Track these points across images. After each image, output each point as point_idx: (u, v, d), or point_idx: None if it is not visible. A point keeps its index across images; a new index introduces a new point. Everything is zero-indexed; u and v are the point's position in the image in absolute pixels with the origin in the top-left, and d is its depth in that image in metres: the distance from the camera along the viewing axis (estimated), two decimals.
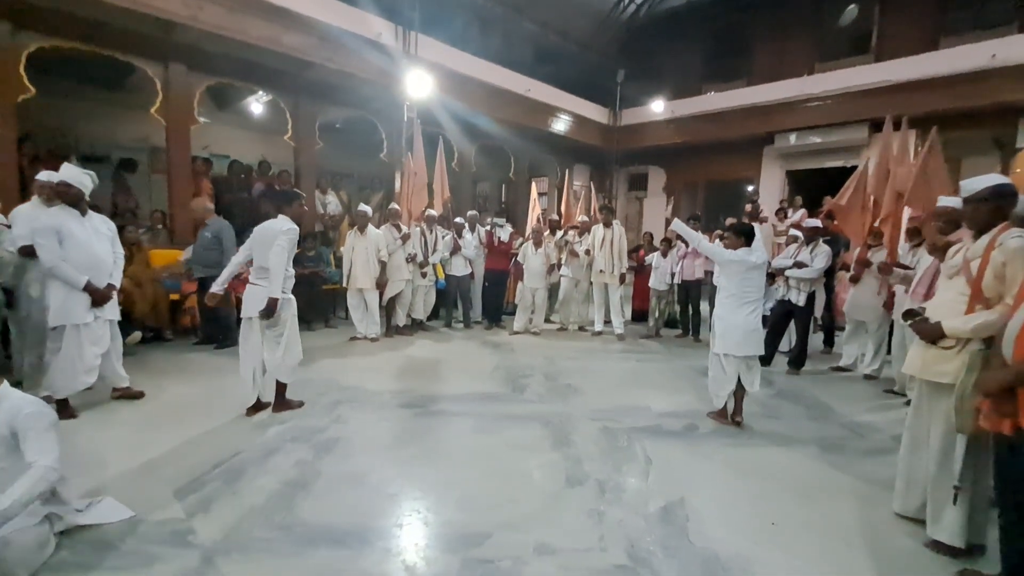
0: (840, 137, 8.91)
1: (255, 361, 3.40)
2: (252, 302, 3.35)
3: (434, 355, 5.48)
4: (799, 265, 5.00)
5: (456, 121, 8.69)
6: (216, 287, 3.45)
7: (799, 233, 5.36)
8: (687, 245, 6.56)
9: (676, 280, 6.59)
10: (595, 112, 10.81)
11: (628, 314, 7.28)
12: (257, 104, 8.98)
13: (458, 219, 7.02)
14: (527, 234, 6.93)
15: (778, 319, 5.27)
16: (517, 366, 5.08)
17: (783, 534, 2.31)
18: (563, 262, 6.75)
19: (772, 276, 5.49)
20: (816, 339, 6.03)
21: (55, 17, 5.02)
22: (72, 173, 3.29)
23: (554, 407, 3.90)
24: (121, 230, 5.58)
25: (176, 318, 5.78)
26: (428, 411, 3.73)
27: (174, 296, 5.75)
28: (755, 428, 3.58)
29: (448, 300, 6.95)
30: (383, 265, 5.83)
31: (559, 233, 6.95)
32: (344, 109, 7.95)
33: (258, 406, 3.50)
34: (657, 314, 6.78)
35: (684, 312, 6.79)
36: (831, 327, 6.21)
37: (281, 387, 3.55)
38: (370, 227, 5.86)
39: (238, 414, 3.45)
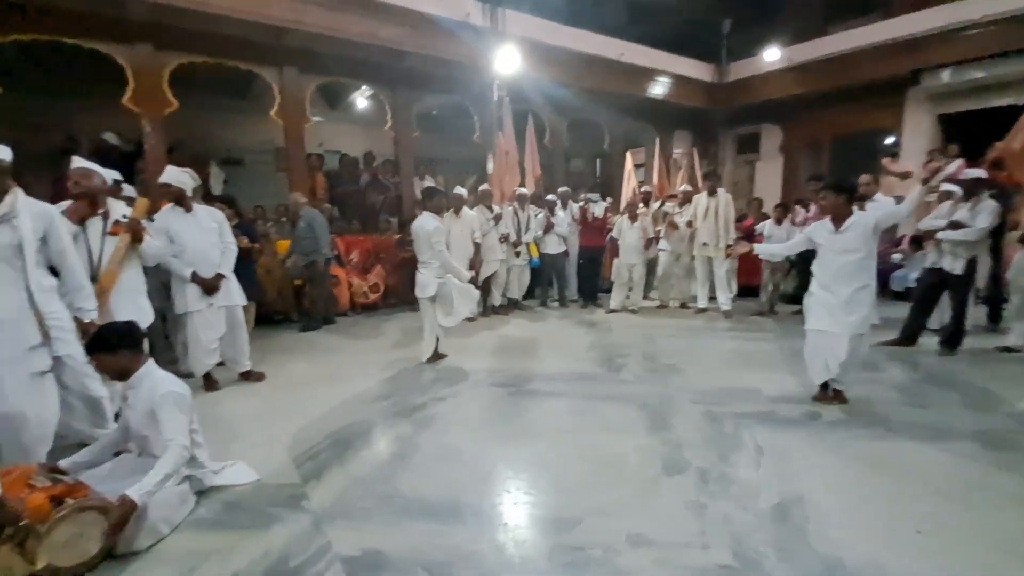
0: (1009, 69, 7.29)
1: (433, 325, 4.35)
2: (421, 286, 4.26)
3: (529, 334, 5.48)
4: (955, 225, 4.20)
5: (546, 96, 8.49)
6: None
7: (954, 188, 4.48)
8: (807, 209, 5.85)
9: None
10: (698, 70, 9.94)
11: (735, 289, 6.70)
12: (362, 99, 9.52)
13: (550, 196, 6.90)
14: (622, 208, 6.61)
15: (927, 291, 4.51)
16: (613, 345, 4.91)
17: (930, 544, 1.96)
18: (662, 235, 6.36)
19: (919, 240, 4.70)
20: (979, 313, 5.07)
21: (188, 36, 5.67)
22: (172, 174, 3.62)
23: (652, 388, 3.71)
24: (252, 223, 6.32)
25: (300, 303, 6.39)
26: (522, 390, 3.73)
27: (298, 282, 6.36)
28: (894, 418, 3.10)
29: (543, 279, 6.91)
30: (477, 246, 5.92)
31: (655, 205, 6.55)
32: (438, 96, 8.12)
33: (438, 356, 4.41)
34: (771, 288, 6.15)
35: (805, 285, 6.06)
36: (998, 299, 5.17)
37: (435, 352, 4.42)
38: (464, 209, 5.97)
39: (349, 390, 3.71)
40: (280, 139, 6.99)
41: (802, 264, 6.01)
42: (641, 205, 6.64)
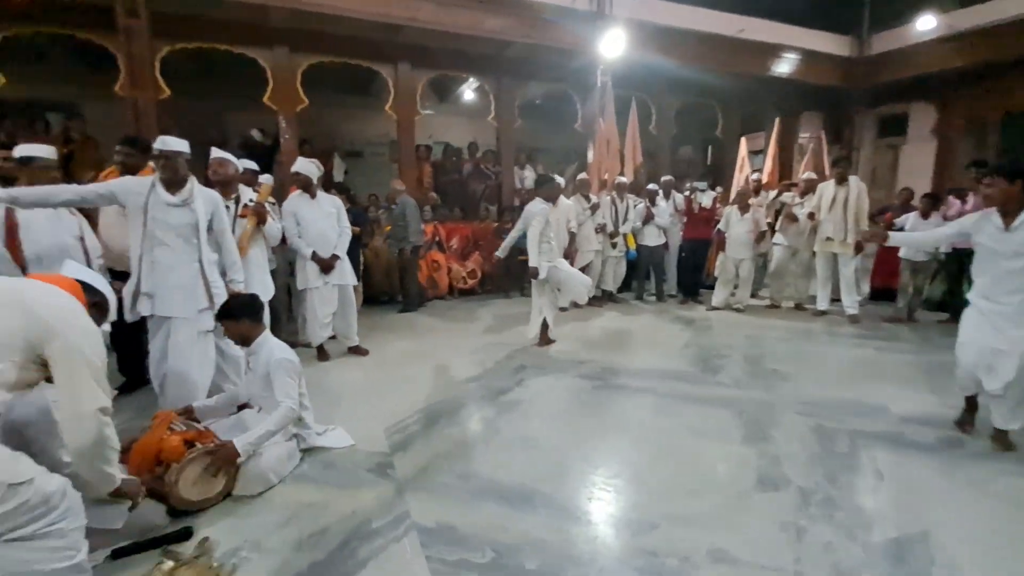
0: None
1: (542, 307, 4.49)
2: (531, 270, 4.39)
3: (621, 327, 5.32)
4: None
5: (654, 80, 8.09)
6: (499, 252, 4.99)
7: None
8: (963, 201, 4.98)
9: (943, 248, 5.06)
10: (832, 43, 8.82)
11: (865, 291, 5.91)
12: (469, 91, 9.82)
13: (651, 185, 6.59)
14: (732, 198, 6.11)
15: None
16: (712, 345, 4.59)
17: None
18: (777, 228, 5.79)
19: None
20: None
21: (317, 37, 6.23)
22: (301, 164, 4.03)
23: (752, 394, 3.41)
24: (365, 211, 6.83)
25: (404, 285, 6.79)
26: (608, 384, 3.64)
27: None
28: None
29: (640, 272, 6.65)
30: (572, 236, 5.83)
31: (771, 194, 5.96)
32: (541, 84, 8.12)
33: (547, 341, 4.53)
34: (911, 291, 5.33)
35: (954, 291, 5.19)
36: None
37: (544, 326, 4.53)
38: (561, 198, 5.90)
39: (441, 369, 3.89)
40: (395, 132, 7.44)
41: (953, 266, 5.14)
42: (755, 195, 6.11)
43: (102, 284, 1.79)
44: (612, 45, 6.70)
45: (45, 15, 5.11)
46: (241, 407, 2.71)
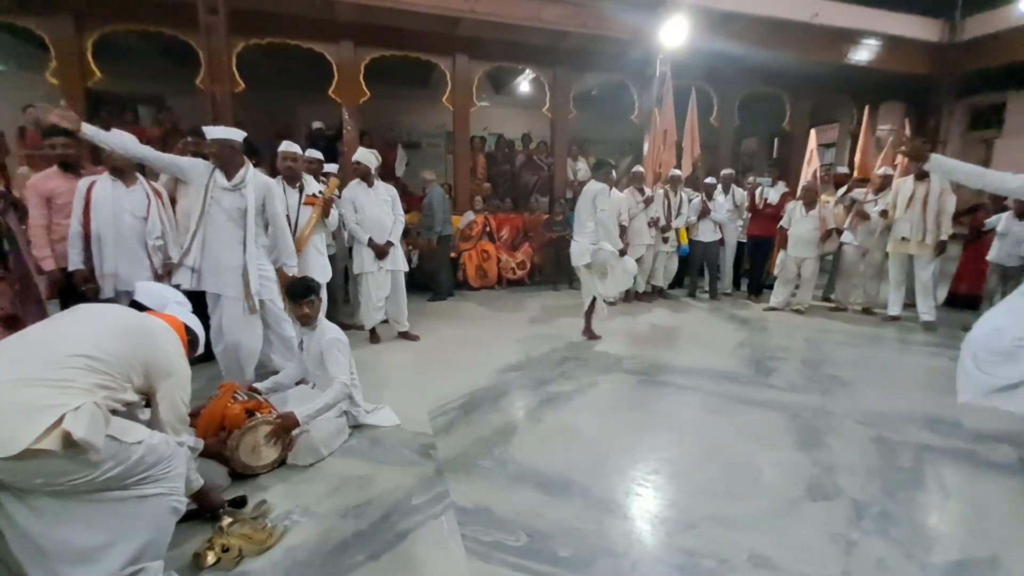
0: None
1: (592, 293, 4.44)
2: (576, 254, 4.34)
3: (671, 324, 5.19)
4: None
5: (716, 69, 7.76)
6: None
7: None
8: None
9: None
10: (918, 27, 8.10)
11: (942, 297, 5.46)
12: (524, 83, 9.81)
13: (709, 179, 6.35)
14: (798, 193, 5.79)
15: None
16: (767, 346, 4.40)
17: None
18: (847, 226, 5.43)
19: None
20: None
21: (380, 31, 6.42)
22: (361, 154, 4.18)
23: (808, 399, 3.25)
24: (419, 201, 6.99)
25: (455, 273, 6.93)
26: (653, 380, 3.57)
27: (453, 254, 6.90)
28: None
29: (693, 268, 6.45)
30: (623, 229, 5.74)
31: (844, 191, 5.60)
32: (597, 75, 7.98)
33: (592, 334, 4.51)
34: (997, 298, 4.86)
35: None
36: None
37: (587, 316, 4.52)
38: (613, 190, 5.81)
39: (487, 357, 3.94)
40: (451, 123, 7.57)
41: None
42: (831, 190, 5.74)
43: (196, 324, 1.95)
44: (673, 33, 6.48)
45: (135, 14, 5.57)
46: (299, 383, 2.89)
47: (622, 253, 5.82)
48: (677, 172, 6.16)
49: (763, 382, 3.58)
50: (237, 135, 2.91)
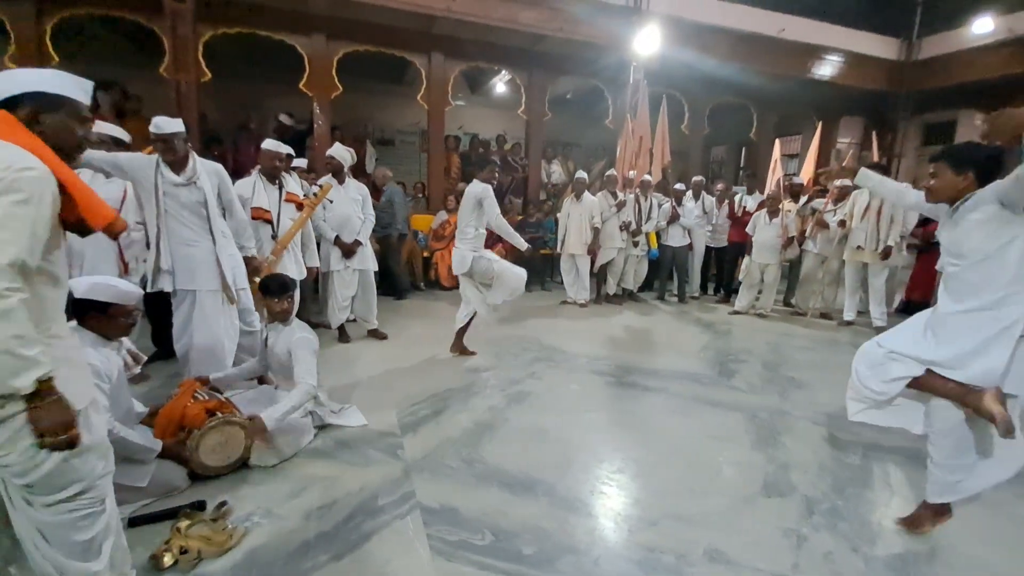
0: None
1: (473, 303, 3.88)
2: (456, 261, 3.81)
3: (640, 326, 5.30)
4: None
5: (689, 78, 7.94)
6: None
7: None
8: None
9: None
10: (878, 46, 8.49)
11: (895, 304, 5.74)
12: (500, 84, 9.83)
13: (679, 185, 6.51)
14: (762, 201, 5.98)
15: None
16: (730, 349, 4.54)
17: None
18: (808, 234, 5.65)
19: None
20: None
21: (354, 26, 6.33)
22: (337, 150, 4.14)
23: (766, 400, 3.37)
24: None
25: (427, 272, 6.89)
26: (621, 381, 3.64)
27: (425, 253, 6.87)
28: None
29: (662, 271, 6.59)
30: (596, 232, 5.83)
31: (802, 200, 5.82)
32: (573, 79, 8.06)
33: (462, 349, 4.00)
34: None
35: None
36: None
37: (460, 331, 3.95)
38: (586, 194, 5.91)
39: (456, 357, 3.95)
40: (425, 121, 7.52)
41: None
42: (788, 199, 5.96)
43: (109, 291, 1.89)
44: (647, 41, 6.61)
45: None
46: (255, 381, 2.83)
47: (591, 255, 5.95)
48: (649, 177, 6.29)
49: (725, 384, 3.69)
50: (181, 125, 2.77)
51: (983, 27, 7.59)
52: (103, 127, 3.07)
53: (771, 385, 3.67)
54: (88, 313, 1.89)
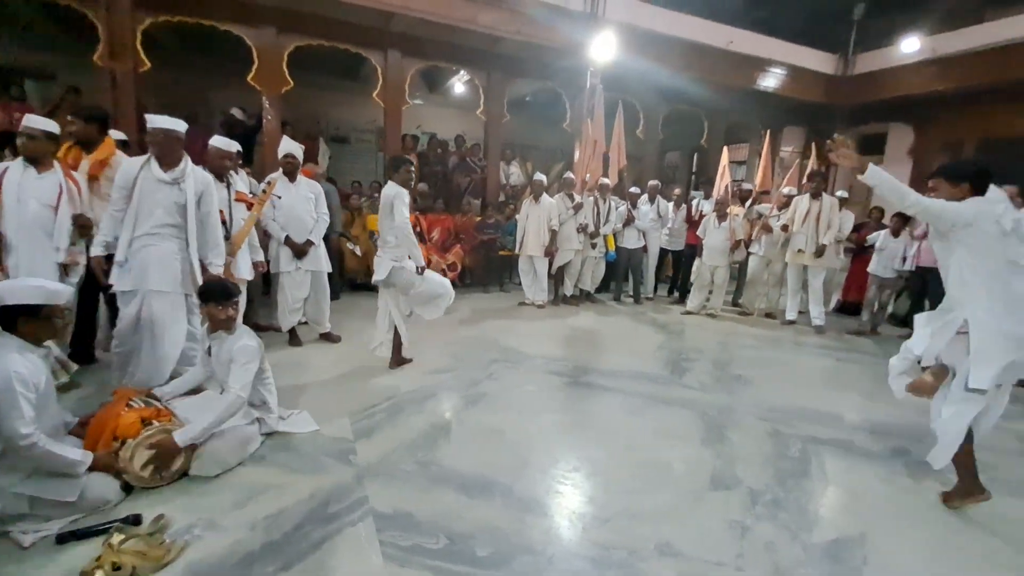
0: None
1: (391, 315, 3.70)
2: (376, 267, 3.59)
3: (597, 327, 5.39)
4: None
5: (644, 85, 8.17)
6: None
7: None
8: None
9: (909, 266, 5.24)
10: (818, 61, 9.01)
11: (833, 304, 6.10)
12: (459, 84, 9.78)
13: (634, 188, 6.68)
14: (712, 206, 6.22)
15: None
16: (683, 348, 4.69)
17: None
18: (754, 237, 5.92)
19: None
20: None
21: (306, 19, 6.14)
22: (292, 146, 4.02)
23: (715, 397, 3.50)
24: (346, 198, 6.78)
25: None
26: (578, 382, 3.69)
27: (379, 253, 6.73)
28: (1004, 470, 2.67)
29: (618, 273, 6.73)
30: (553, 234, 5.90)
31: (748, 205, 6.10)
32: (531, 81, 8.12)
33: (400, 360, 3.78)
34: (876, 307, 5.52)
35: (917, 308, 5.39)
36: None
37: (397, 343, 3.74)
38: (544, 196, 5.96)
39: (413, 359, 3.87)
40: (382, 120, 7.38)
41: (918, 283, 5.32)
42: (738, 204, 6.23)
43: (38, 292, 1.81)
44: (603, 48, 6.75)
45: None
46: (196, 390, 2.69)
47: (549, 256, 6.00)
48: (606, 180, 6.41)
49: (677, 382, 3.81)
50: (181, 126, 2.74)
51: (910, 46, 8.18)
52: (33, 120, 2.85)
53: (720, 383, 3.82)
54: (18, 319, 1.75)
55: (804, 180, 6.11)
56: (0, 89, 5.44)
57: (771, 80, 8.66)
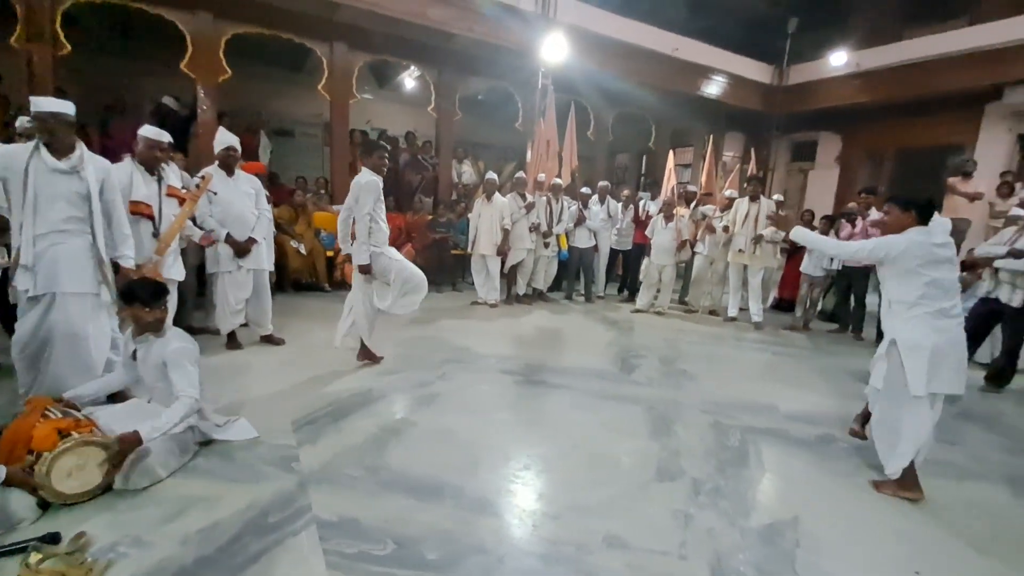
0: None
1: (359, 308, 3.64)
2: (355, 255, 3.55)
3: (549, 326, 5.44)
4: (1017, 255, 3.87)
5: (594, 87, 8.33)
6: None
7: (1022, 212, 4.14)
8: (853, 224, 5.54)
9: (835, 266, 5.61)
10: (756, 71, 9.51)
11: (770, 301, 6.45)
12: (410, 79, 9.62)
13: (585, 189, 6.79)
14: (658, 207, 6.42)
15: (979, 322, 4.15)
16: (632, 345, 4.81)
17: None
18: (698, 237, 6.16)
19: (969, 267, 4.37)
20: None
21: (245, 5, 5.86)
22: (230, 138, 3.82)
23: (662, 392, 3.61)
24: (290, 194, 6.51)
25: (331, 273, 6.55)
26: (530, 380, 3.71)
27: (329, 253, 6.53)
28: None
29: (570, 272, 6.83)
30: (506, 233, 5.91)
31: (693, 206, 6.35)
32: (483, 80, 8.11)
33: (368, 355, 3.75)
34: (808, 304, 5.88)
35: (843, 304, 5.78)
36: None
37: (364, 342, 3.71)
38: (496, 195, 5.96)
39: (358, 360, 3.78)
40: (328, 114, 7.15)
41: (844, 282, 5.70)
42: (683, 206, 6.46)
43: None
44: (554, 49, 6.82)
45: None
46: (112, 397, 2.51)
47: (502, 255, 6.01)
48: (559, 181, 6.49)
49: (626, 379, 3.90)
50: (70, 108, 2.51)
51: (838, 60, 8.75)
52: None
53: (667, 378, 3.95)
54: None
55: (745, 184, 6.42)
56: None
57: (713, 87, 9.05)
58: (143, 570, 1.66)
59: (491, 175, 6.11)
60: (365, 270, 3.51)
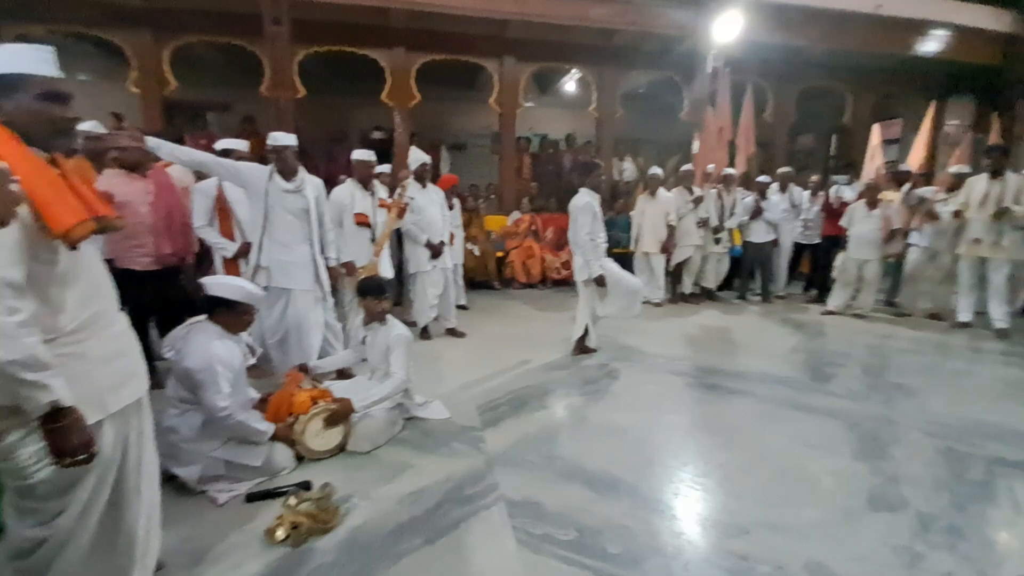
0: None
1: (585, 311, 3.96)
2: (576, 267, 3.97)
3: (720, 326, 5.08)
4: None
5: (771, 64, 7.49)
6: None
7: None
8: None
9: None
10: (989, 18, 7.50)
11: (1020, 303, 5.08)
12: (570, 83, 9.80)
13: (762, 177, 6.15)
14: (860, 191, 5.52)
15: None
16: (824, 351, 4.24)
17: None
18: (914, 226, 5.14)
19: None
20: None
21: (431, 36, 6.61)
22: (422, 155, 4.33)
23: (869, 408, 3.11)
24: (464, 200, 7.13)
25: (501, 272, 7.01)
26: (702, 382, 3.52)
27: (499, 253, 6.99)
28: None
29: (744, 269, 6.26)
30: (671, 229, 5.66)
31: (907, 189, 5.31)
32: (645, 72, 7.88)
33: (583, 349, 4.02)
34: None
35: None
36: None
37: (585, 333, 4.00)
38: (661, 190, 5.75)
39: (532, 355, 3.97)
40: (497, 124, 7.67)
41: None
42: (893, 188, 5.47)
43: (240, 291, 2.20)
44: (728, 28, 6.31)
45: (205, 25, 5.96)
46: (341, 373, 3.07)
47: (667, 253, 5.75)
48: (731, 171, 6.00)
49: (820, 388, 3.45)
50: (294, 140, 3.10)
51: None
52: (230, 143, 3.54)
53: (874, 391, 3.39)
54: (217, 309, 2.13)
55: (985, 158, 5.17)
56: (188, 122, 6.59)
57: (932, 44, 7.43)
58: (371, 521, 1.99)
59: (655, 170, 5.89)
60: (600, 282, 3.81)
